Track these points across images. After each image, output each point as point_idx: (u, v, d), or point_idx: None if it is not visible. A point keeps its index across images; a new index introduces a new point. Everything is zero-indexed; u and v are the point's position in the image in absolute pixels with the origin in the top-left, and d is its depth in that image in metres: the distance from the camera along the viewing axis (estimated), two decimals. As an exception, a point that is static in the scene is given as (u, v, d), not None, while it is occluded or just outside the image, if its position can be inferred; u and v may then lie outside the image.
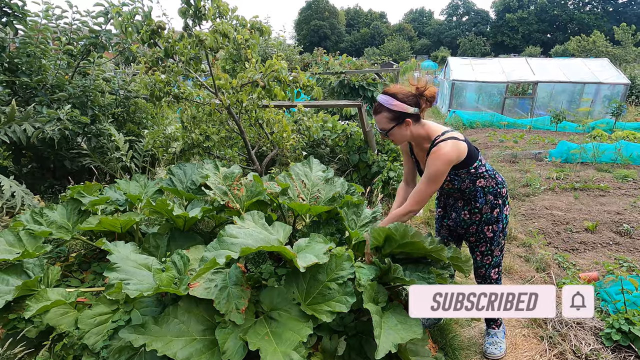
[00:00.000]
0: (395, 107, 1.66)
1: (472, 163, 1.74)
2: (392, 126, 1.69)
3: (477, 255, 1.96)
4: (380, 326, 1.48)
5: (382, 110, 1.69)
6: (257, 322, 1.57)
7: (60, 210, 2.34)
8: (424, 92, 1.68)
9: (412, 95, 1.68)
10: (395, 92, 1.67)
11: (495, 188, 1.83)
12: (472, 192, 1.83)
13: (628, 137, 7.83)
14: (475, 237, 1.92)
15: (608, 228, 3.94)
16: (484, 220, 1.87)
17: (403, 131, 1.71)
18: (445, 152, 1.64)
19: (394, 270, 1.62)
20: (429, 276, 1.71)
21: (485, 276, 2.00)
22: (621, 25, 24.05)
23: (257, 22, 3.00)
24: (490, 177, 1.82)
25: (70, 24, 3.50)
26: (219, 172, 2.25)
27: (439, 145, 1.67)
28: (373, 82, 6.84)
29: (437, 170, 1.66)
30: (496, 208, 1.85)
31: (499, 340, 2.13)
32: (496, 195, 1.84)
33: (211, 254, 1.52)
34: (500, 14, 57.15)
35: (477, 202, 1.84)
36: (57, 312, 1.77)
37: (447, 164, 1.66)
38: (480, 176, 1.79)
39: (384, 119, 1.70)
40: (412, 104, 1.67)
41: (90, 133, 3.59)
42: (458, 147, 1.68)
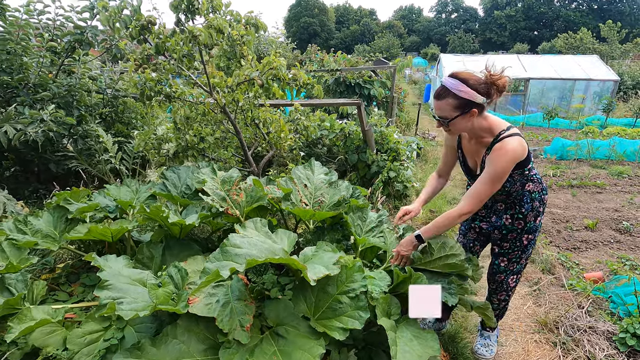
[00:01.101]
0: (463, 93, 1.47)
1: (527, 164, 1.61)
2: (456, 115, 1.50)
3: (503, 262, 1.84)
4: (396, 343, 1.38)
5: (447, 96, 1.50)
6: (264, 339, 1.46)
7: (46, 218, 2.18)
8: (497, 81, 1.49)
9: (484, 83, 1.49)
10: (466, 78, 1.49)
11: (541, 194, 1.72)
12: (519, 196, 1.69)
13: (619, 133, 7.90)
14: (510, 244, 1.79)
15: (608, 226, 3.93)
16: (526, 229, 1.74)
17: (466, 122, 1.53)
18: (513, 148, 1.48)
19: (416, 279, 1.52)
20: (449, 287, 1.62)
21: (502, 282, 1.90)
22: (607, 22, 24.44)
23: (252, 17, 2.87)
24: (538, 182, 1.71)
25: (53, 20, 3.31)
26: (216, 177, 2.12)
27: (505, 141, 1.50)
28: (369, 79, 6.74)
29: (503, 168, 1.49)
30: (539, 216, 1.74)
31: (491, 343, 2.08)
32: (541, 201, 1.73)
33: (214, 266, 1.40)
34: (488, 11, 57.62)
35: (523, 208, 1.70)
36: (43, 331, 1.63)
37: (513, 162, 1.50)
38: (530, 179, 1.66)
39: (448, 106, 1.50)
40: (482, 93, 1.48)
41: (76, 134, 3.41)
42: (523, 144, 1.52)
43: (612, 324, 2.23)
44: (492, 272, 1.92)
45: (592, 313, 2.38)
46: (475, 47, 52.88)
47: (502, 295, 1.94)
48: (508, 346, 2.18)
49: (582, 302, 2.48)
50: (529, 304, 2.59)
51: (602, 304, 2.49)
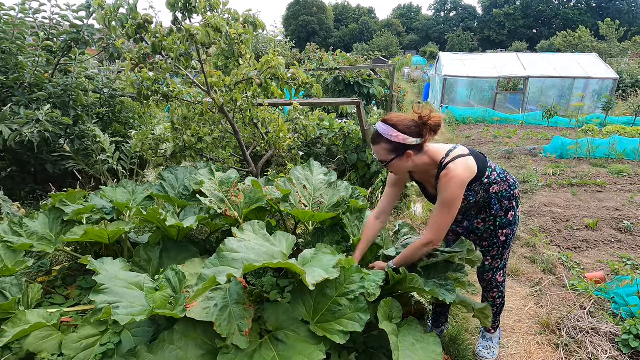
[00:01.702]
0: (395, 138, 1.52)
1: (483, 174, 1.64)
2: (392, 158, 1.57)
3: (487, 260, 1.86)
4: (398, 348, 1.35)
5: (380, 141, 1.55)
6: (263, 344, 1.43)
7: (41, 220, 2.15)
8: (427, 121, 1.52)
9: (415, 125, 1.53)
10: (395, 122, 1.52)
11: (509, 191, 1.73)
12: (487, 200, 1.72)
13: (619, 131, 7.89)
14: (488, 242, 1.82)
15: (608, 225, 3.91)
16: (499, 225, 1.77)
17: (404, 163, 1.58)
18: (457, 174, 1.53)
19: (411, 280, 1.50)
20: (447, 283, 1.60)
21: (491, 280, 1.90)
22: (606, 20, 24.41)
23: (251, 16, 2.83)
24: (503, 181, 1.71)
25: (49, 19, 3.27)
26: (214, 178, 2.09)
27: (448, 168, 1.54)
28: (369, 78, 6.71)
29: (453, 194, 1.53)
30: (510, 211, 1.76)
31: (493, 345, 2.08)
32: (510, 198, 1.74)
33: (210, 272, 1.38)
34: (487, 9, 57.56)
35: (492, 210, 1.74)
36: (38, 335, 1.60)
37: (461, 186, 1.54)
38: (493, 183, 1.68)
39: (382, 150, 1.56)
40: (414, 135, 1.52)
41: (73, 134, 3.38)
42: (467, 164, 1.57)
43: (615, 325, 2.21)
44: (480, 271, 1.92)
45: (595, 314, 2.36)
46: (474, 45, 52.85)
47: (495, 293, 1.94)
48: (510, 348, 2.16)
49: (584, 303, 2.46)
50: (531, 305, 2.57)
51: (604, 304, 2.47)
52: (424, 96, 15.28)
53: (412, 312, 2.06)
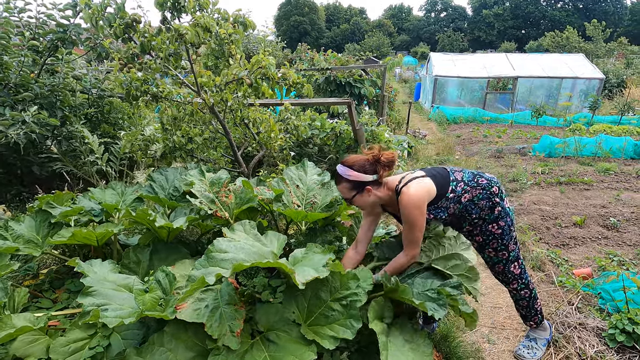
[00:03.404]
0: (352, 177, 1.67)
1: (446, 191, 1.72)
2: (354, 195, 1.70)
3: (490, 252, 1.88)
4: (387, 348, 1.36)
5: (341, 181, 1.70)
6: (254, 344, 1.43)
7: (28, 223, 2.11)
8: (380, 159, 1.67)
9: (369, 163, 1.68)
10: (351, 164, 1.68)
11: (483, 193, 1.76)
12: (462, 210, 1.77)
13: (605, 130, 8.04)
14: (482, 236, 1.85)
15: (595, 222, 3.99)
16: (488, 221, 1.80)
17: (365, 198, 1.71)
18: (410, 194, 1.64)
19: (402, 291, 1.50)
20: (439, 297, 1.58)
21: (504, 272, 1.90)
22: (592, 21, 24.84)
23: (241, 15, 2.82)
24: (473, 188, 1.75)
25: (34, 18, 3.21)
26: (204, 179, 2.07)
27: (402, 192, 1.66)
28: (360, 78, 6.73)
29: (415, 216, 1.63)
30: (496, 207, 1.78)
31: (536, 346, 2.07)
32: (489, 197, 1.77)
33: (199, 273, 1.37)
34: (476, 10, 58.18)
35: (472, 214, 1.78)
36: (24, 340, 1.57)
37: (418, 206, 1.63)
38: (461, 194, 1.74)
39: (344, 189, 1.71)
40: (369, 172, 1.67)
41: (60, 136, 3.32)
42: (421, 185, 1.67)
43: (602, 320, 2.25)
44: (490, 265, 1.94)
45: (582, 309, 2.41)
46: (464, 45, 53.36)
47: (515, 284, 1.93)
48: (500, 344, 2.19)
49: (572, 299, 2.50)
50: (520, 301, 2.60)
51: (591, 300, 2.52)
52: (415, 96, 15.38)
53: (403, 310, 2.07)
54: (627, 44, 24.16)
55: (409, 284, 1.69)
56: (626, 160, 6.41)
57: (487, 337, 2.24)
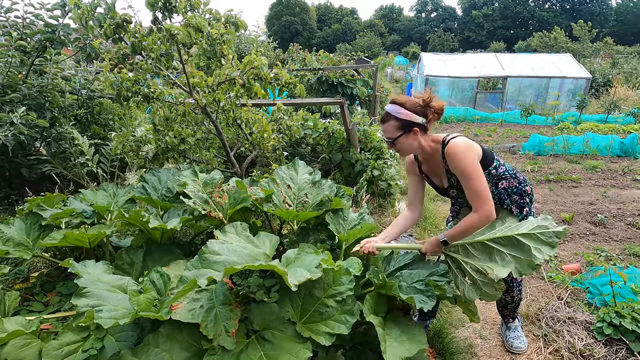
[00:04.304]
0: (403, 115, 1.65)
1: (491, 163, 1.72)
2: (399, 135, 1.67)
3: None
4: (385, 339, 1.38)
5: (389, 119, 1.68)
6: (249, 344, 1.43)
7: (17, 225, 2.08)
8: (430, 103, 1.67)
9: (420, 106, 1.67)
10: (403, 102, 1.67)
11: (519, 187, 1.78)
12: (496, 196, 1.76)
13: (593, 129, 8.20)
14: None
15: (583, 219, 4.06)
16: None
17: (410, 140, 1.69)
18: (459, 143, 1.62)
19: (390, 287, 1.53)
20: (426, 289, 1.61)
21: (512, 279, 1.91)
22: (579, 22, 25.30)
23: (232, 15, 2.82)
24: (512, 177, 1.77)
25: (22, 17, 3.16)
26: (198, 179, 2.07)
27: (451, 142, 1.64)
28: (352, 78, 6.75)
29: (466, 164, 1.58)
30: (525, 207, 1.79)
31: (520, 333, 2.13)
32: (521, 194, 1.78)
33: (191, 274, 1.37)
34: (466, 10, 58.79)
35: (504, 205, 1.78)
36: (16, 344, 1.55)
37: (470, 154, 1.60)
38: (501, 177, 1.75)
39: (391, 127, 1.68)
40: (419, 114, 1.66)
41: (49, 137, 3.28)
42: (468, 141, 1.67)
43: (590, 314, 2.31)
44: None
45: (571, 304, 2.46)
46: (454, 45, 53.87)
47: (514, 292, 1.96)
48: (491, 339, 2.22)
49: (561, 294, 2.55)
50: (511, 297, 2.65)
51: (580, 294, 2.57)
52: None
53: (397, 307, 2.10)
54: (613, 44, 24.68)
55: (397, 277, 1.71)
56: (612, 158, 6.55)
57: (479, 333, 2.27)
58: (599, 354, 2.01)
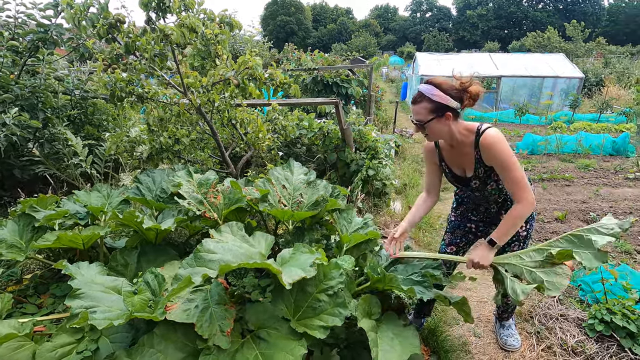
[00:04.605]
0: (437, 97, 1.53)
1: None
2: (432, 118, 1.56)
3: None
4: (377, 344, 1.39)
5: (422, 100, 1.57)
6: (245, 343, 1.44)
7: (10, 227, 2.07)
8: (468, 88, 1.56)
9: (456, 90, 1.56)
10: (440, 83, 1.55)
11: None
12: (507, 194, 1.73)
13: (585, 128, 8.29)
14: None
15: (576, 217, 4.11)
16: None
17: (441, 125, 1.58)
18: (495, 134, 1.55)
19: (390, 280, 1.54)
20: (424, 280, 1.65)
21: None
22: (572, 22, 25.54)
23: (227, 16, 2.81)
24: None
25: (13, 17, 3.13)
26: (192, 180, 2.07)
27: (487, 133, 1.56)
28: (347, 78, 6.77)
29: (504, 154, 1.52)
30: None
31: (513, 332, 2.14)
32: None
33: (186, 272, 1.37)
34: (461, 10, 59.10)
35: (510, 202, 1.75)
36: (9, 347, 1.54)
37: (506, 145, 1.54)
38: None
39: (423, 109, 1.57)
40: (455, 98, 1.55)
41: (42, 138, 3.25)
42: (500, 133, 1.59)
43: (582, 310, 2.34)
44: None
45: (563, 301, 2.49)
46: (449, 45, 54.14)
47: None
48: (485, 337, 2.24)
49: (553, 291, 2.58)
50: (505, 295, 2.68)
51: (572, 292, 2.60)
52: (402, 95, 15.53)
53: (392, 306, 2.11)
54: (605, 43, 24.93)
55: (393, 270, 1.73)
56: (605, 157, 6.62)
57: (474, 331, 2.29)
58: (591, 350, 2.03)
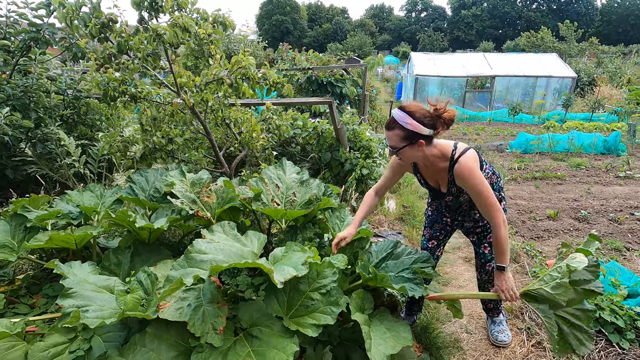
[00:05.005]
0: (409, 126, 1.55)
1: (482, 167, 1.72)
2: (404, 145, 1.60)
3: (485, 248, 1.93)
4: (370, 337, 1.41)
5: (395, 127, 1.59)
6: (237, 341, 1.45)
7: (2, 227, 2.06)
8: (442, 114, 1.58)
9: (430, 116, 1.58)
10: (412, 110, 1.57)
11: (497, 183, 1.82)
12: None
13: (578, 127, 8.37)
14: (482, 228, 1.90)
15: (568, 215, 4.16)
16: None
17: (414, 152, 1.62)
18: (469, 164, 1.60)
19: (381, 279, 1.56)
20: (414, 277, 1.67)
21: (493, 270, 1.94)
22: (565, 22, 25.75)
23: (220, 15, 2.82)
24: (493, 174, 1.80)
25: (5, 16, 3.11)
26: (185, 179, 2.07)
27: (460, 161, 1.61)
28: (341, 77, 6.79)
29: (477, 182, 1.59)
30: (502, 201, 1.83)
31: (504, 327, 2.17)
32: (499, 189, 1.83)
33: (177, 273, 1.38)
34: (455, 10, 59.34)
35: None
36: (1, 346, 1.54)
37: (479, 172, 1.61)
38: (487, 175, 1.76)
39: (396, 136, 1.59)
40: (428, 126, 1.57)
41: (35, 138, 3.23)
42: (474, 153, 1.66)
43: (571, 307, 2.37)
44: (481, 263, 1.99)
45: (554, 298, 2.52)
46: (444, 45, 54.38)
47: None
48: (477, 333, 2.27)
49: (544, 288, 2.62)
50: (497, 292, 2.71)
51: (562, 288, 2.64)
52: (397, 95, 15.59)
53: (384, 304, 2.13)
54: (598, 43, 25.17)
55: (384, 268, 1.75)
56: (596, 156, 6.70)
57: (466, 328, 2.32)
58: (580, 345, 2.06)
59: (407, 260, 1.72)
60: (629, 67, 16.82)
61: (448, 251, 3.31)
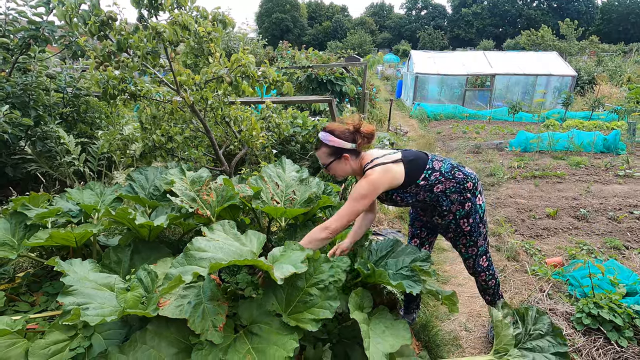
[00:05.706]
0: (332, 142, 1.73)
1: (417, 178, 1.76)
2: (331, 161, 1.76)
3: (461, 248, 1.95)
4: (369, 335, 1.41)
5: (321, 146, 1.76)
6: (237, 338, 1.46)
7: (2, 225, 2.07)
8: (359, 129, 1.75)
9: (349, 132, 1.74)
10: (332, 129, 1.75)
11: (457, 186, 1.80)
12: (433, 200, 1.82)
13: (577, 125, 8.37)
14: (453, 233, 1.91)
15: (567, 213, 4.17)
16: (459, 217, 1.85)
17: (342, 165, 1.77)
18: (371, 177, 1.69)
19: (379, 275, 1.56)
20: (413, 274, 1.67)
21: (474, 266, 1.99)
22: (565, 20, 25.69)
23: (220, 13, 2.81)
24: (448, 180, 1.79)
25: (4, 14, 3.11)
26: (185, 177, 2.08)
27: (367, 173, 1.74)
28: (341, 76, 6.78)
29: (360, 191, 1.68)
30: (467, 202, 1.83)
31: None
32: (461, 191, 1.81)
33: (177, 271, 1.39)
34: (456, 8, 59.22)
35: (443, 206, 1.83)
36: (2, 344, 1.54)
37: (371, 188, 1.68)
38: (434, 183, 1.78)
39: (323, 154, 1.77)
40: (349, 140, 1.74)
41: (34, 136, 3.24)
42: (387, 172, 1.71)
43: (570, 305, 2.38)
44: (463, 260, 2.02)
45: (553, 296, 2.53)
46: (444, 43, 54.28)
47: (484, 276, 2.03)
48: (476, 331, 2.28)
49: (543, 286, 2.63)
50: (496, 290, 2.72)
51: (561, 287, 2.65)
52: (397, 93, 15.58)
53: (384, 302, 2.13)
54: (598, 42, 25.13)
55: (383, 265, 1.76)
56: (596, 154, 6.70)
57: (465, 325, 2.33)
58: (578, 343, 2.08)
59: (407, 258, 1.72)
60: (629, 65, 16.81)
61: (447, 249, 3.32)
